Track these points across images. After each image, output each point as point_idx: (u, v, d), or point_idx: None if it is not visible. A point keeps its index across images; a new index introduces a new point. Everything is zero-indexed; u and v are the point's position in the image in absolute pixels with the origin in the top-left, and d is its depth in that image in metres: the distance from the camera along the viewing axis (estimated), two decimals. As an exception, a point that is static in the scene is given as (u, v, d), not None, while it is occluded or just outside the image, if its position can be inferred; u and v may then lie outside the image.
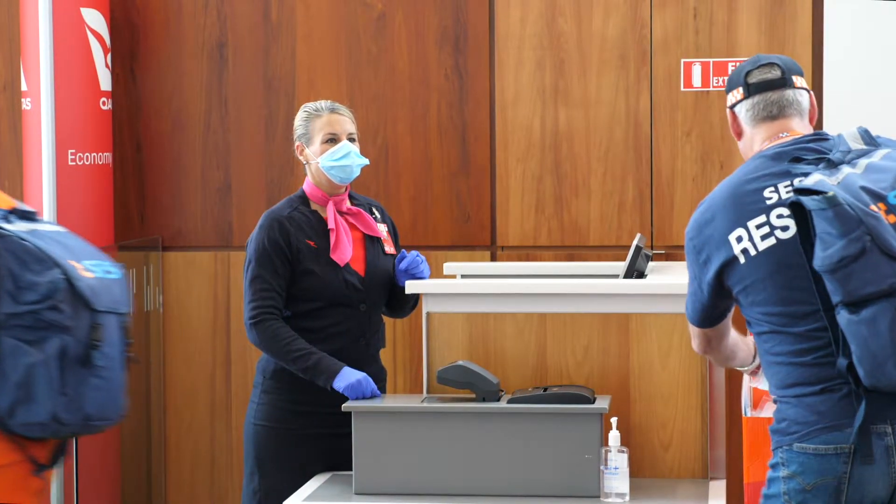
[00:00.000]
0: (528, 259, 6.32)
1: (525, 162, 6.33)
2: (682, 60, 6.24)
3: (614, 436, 3.91)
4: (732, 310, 3.36)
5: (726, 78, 4.34)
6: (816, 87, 6.19)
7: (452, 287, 4.40)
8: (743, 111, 3.34)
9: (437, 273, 5.13)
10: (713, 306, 3.29)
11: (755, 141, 3.32)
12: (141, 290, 6.46)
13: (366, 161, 4.50)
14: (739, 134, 3.37)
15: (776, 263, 3.12)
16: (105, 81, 6.31)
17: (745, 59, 6.23)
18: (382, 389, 4.43)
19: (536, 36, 6.31)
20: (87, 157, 6.23)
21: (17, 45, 6.34)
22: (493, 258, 6.39)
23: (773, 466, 3.13)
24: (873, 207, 2.98)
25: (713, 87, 6.21)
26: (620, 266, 4.57)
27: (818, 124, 6.07)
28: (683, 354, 4.16)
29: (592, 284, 4.33)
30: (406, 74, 6.43)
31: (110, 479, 6.29)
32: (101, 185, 6.32)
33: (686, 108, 6.24)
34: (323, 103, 4.54)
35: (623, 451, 3.90)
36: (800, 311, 3.09)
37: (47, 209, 6.06)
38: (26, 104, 6.15)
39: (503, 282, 4.43)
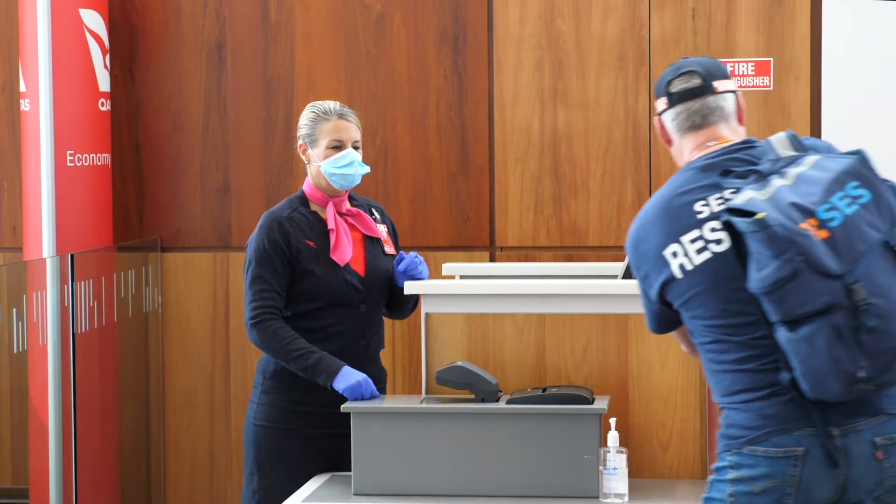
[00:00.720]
0: (527, 260, 6.32)
1: (524, 162, 6.33)
2: (681, 61, 6.23)
3: (613, 436, 3.91)
4: None
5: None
6: (815, 87, 6.19)
7: (451, 288, 4.39)
8: (668, 120, 3.31)
9: (436, 274, 5.13)
10: (665, 315, 3.28)
11: (684, 150, 3.30)
12: (140, 291, 6.46)
13: (368, 169, 4.50)
14: (669, 142, 3.35)
15: (714, 277, 3.11)
16: (104, 82, 6.31)
17: (744, 59, 6.29)
18: (382, 390, 4.43)
19: (535, 37, 6.31)
20: (85, 157, 6.23)
21: (16, 46, 6.34)
22: (492, 259, 6.39)
23: (719, 470, 3.13)
24: (803, 225, 2.95)
25: (712, 87, 6.20)
26: (619, 266, 4.57)
27: (816, 125, 6.13)
28: (682, 355, 4.16)
29: (591, 285, 4.32)
30: (405, 75, 6.43)
31: (110, 480, 6.29)
32: (100, 186, 6.32)
33: (685, 108, 6.23)
34: (332, 106, 4.51)
35: (622, 452, 3.90)
36: (741, 322, 3.09)
37: (46, 210, 6.06)
38: (25, 105, 6.15)
39: (502, 282, 4.43)
